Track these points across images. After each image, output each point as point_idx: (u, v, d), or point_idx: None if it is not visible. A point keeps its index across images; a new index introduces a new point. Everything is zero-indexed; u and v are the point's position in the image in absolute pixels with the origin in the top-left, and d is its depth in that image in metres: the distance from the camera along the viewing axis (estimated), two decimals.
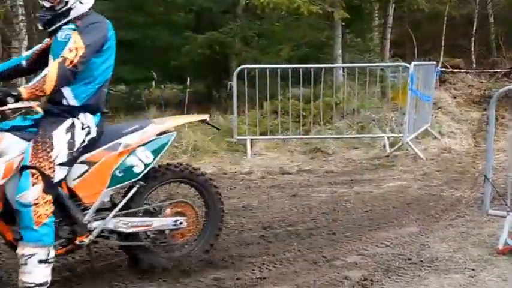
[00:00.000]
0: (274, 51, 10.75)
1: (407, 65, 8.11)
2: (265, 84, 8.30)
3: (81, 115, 3.28)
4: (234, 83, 8.13)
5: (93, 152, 3.38)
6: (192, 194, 3.99)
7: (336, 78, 9.59)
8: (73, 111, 3.26)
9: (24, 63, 3.58)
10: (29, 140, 3.16)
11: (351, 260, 3.99)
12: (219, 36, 9.88)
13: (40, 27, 3.42)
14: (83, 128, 3.27)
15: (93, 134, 3.33)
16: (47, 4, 3.22)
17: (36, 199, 3.03)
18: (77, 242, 3.35)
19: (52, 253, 3.16)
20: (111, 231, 3.53)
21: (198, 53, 9.83)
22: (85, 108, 3.29)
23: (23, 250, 3.07)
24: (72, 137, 3.22)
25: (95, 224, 3.43)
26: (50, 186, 3.09)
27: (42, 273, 3.11)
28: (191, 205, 3.84)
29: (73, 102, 3.26)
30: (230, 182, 6.46)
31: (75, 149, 3.22)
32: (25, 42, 10.50)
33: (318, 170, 7.11)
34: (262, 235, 4.56)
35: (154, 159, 3.57)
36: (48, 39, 3.42)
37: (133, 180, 3.52)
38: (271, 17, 10.93)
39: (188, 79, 9.49)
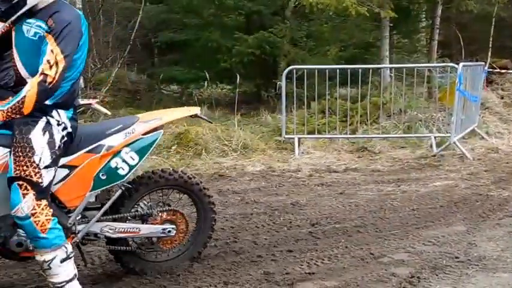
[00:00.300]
0: (321, 52, 10.84)
1: (456, 66, 8.07)
2: (313, 84, 8.41)
3: (54, 112, 3.07)
4: (282, 83, 8.27)
5: (75, 155, 3.23)
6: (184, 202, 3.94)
7: (383, 79, 9.59)
8: (45, 110, 3.03)
9: None
10: (5, 146, 3.01)
11: (398, 258, 4.03)
12: (268, 36, 10.03)
13: None
14: (58, 125, 3.08)
15: (69, 129, 3.14)
16: None
17: (33, 209, 2.94)
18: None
19: (70, 247, 3.13)
20: (97, 235, 3.44)
21: (248, 53, 10.00)
22: (57, 105, 3.09)
23: (42, 257, 3.04)
24: (51, 136, 3.04)
25: (79, 227, 3.32)
26: (41, 192, 2.98)
27: (68, 269, 3.11)
28: (182, 213, 3.73)
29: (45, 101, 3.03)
30: (278, 180, 6.60)
31: (56, 148, 3.05)
32: None
33: (365, 168, 7.16)
34: (310, 231, 4.66)
35: (140, 160, 3.40)
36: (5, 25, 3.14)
37: (117, 182, 3.38)
38: (319, 18, 11.01)
39: (238, 79, 9.71)
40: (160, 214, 3.63)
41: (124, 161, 3.36)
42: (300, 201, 5.63)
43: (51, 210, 3.05)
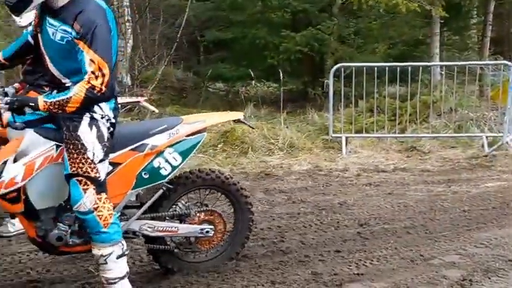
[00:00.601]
0: (370, 49, 10.70)
1: (509, 64, 7.82)
2: (361, 82, 8.30)
3: (96, 108, 3.05)
4: (330, 81, 8.18)
5: (119, 153, 3.23)
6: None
7: (433, 77, 9.39)
8: (87, 107, 3.01)
9: (30, 39, 3.31)
10: (51, 139, 3.04)
11: (449, 260, 3.95)
12: (316, 33, 9.95)
13: (10, 12, 3.14)
14: (102, 117, 3.07)
15: (112, 120, 3.13)
16: None
17: (95, 204, 2.98)
18: None
19: (125, 245, 3.16)
20: (136, 233, 3.44)
21: (295, 51, 9.95)
22: None
23: (100, 251, 3.07)
24: (99, 130, 3.04)
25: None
26: (100, 185, 3.02)
27: (122, 267, 3.14)
28: (220, 214, 3.72)
29: None
30: (325, 179, 6.55)
31: (106, 140, 3.06)
32: (130, 42, 11.08)
33: (414, 168, 7.02)
34: (358, 232, 4.61)
35: (182, 161, 3.40)
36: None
37: (159, 182, 3.38)
38: (368, 15, 10.86)
39: (282, 77, 9.67)
40: (198, 214, 3.63)
41: (167, 161, 3.37)
42: (348, 201, 5.57)
43: (111, 204, 3.09)
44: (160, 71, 11.04)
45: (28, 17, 4.32)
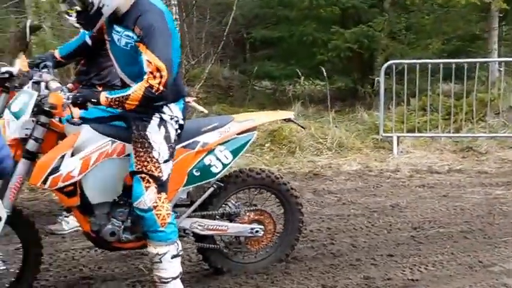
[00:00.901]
0: (422, 45, 10.37)
1: None
2: (413, 79, 8.05)
3: (165, 108, 3.13)
4: (381, 78, 7.98)
5: None
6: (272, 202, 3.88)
7: (490, 74, 8.99)
8: (157, 108, 3.10)
9: (88, 40, 3.40)
10: (106, 135, 3.12)
11: (510, 267, 3.78)
12: (366, 30, 9.72)
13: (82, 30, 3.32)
14: (171, 119, 3.15)
15: (181, 121, 3.20)
16: (79, 8, 3.00)
17: (154, 202, 3.04)
18: None
19: (180, 246, 3.20)
20: (186, 231, 3.46)
21: (344, 48, 9.76)
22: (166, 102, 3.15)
23: (155, 250, 3.12)
24: (166, 131, 3.12)
25: None
26: (162, 185, 3.09)
27: (176, 267, 3.18)
28: (270, 214, 3.70)
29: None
30: (376, 180, 6.38)
31: (172, 142, 3.14)
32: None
33: (470, 170, 6.76)
34: (412, 235, 4.46)
35: (233, 159, 3.43)
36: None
37: (210, 180, 3.42)
38: (420, 9, 10.53)
39: (330, 75, 9.49)
40: (248, 213, 3.63)
41: (218, 159, 3.39)
42: (400, 203, 5.40)
43: (170, 204, 3.16)
44: (207, 70, 11.07)
45: None
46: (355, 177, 6.50)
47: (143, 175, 3.04)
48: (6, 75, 4.40)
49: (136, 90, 2.92)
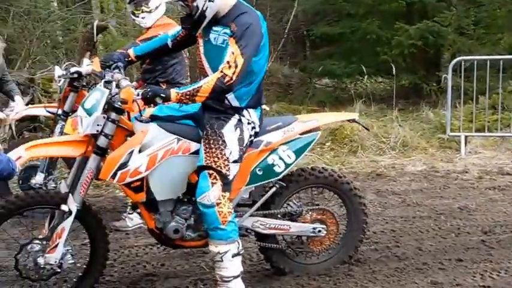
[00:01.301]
0: (492, 41, 9.88)
1: None
2: (482, 76, 7.71)
3: (245, 112, 3.23)
4: (448, 75, 7.69)
5: None
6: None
7: None
8: (237, 110, 3.21)
9: (170, 43, 3.48)
10: (173, 133, 3.18)
11: None
12: (432, 26, 9.37)
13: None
14: (248, 123, 3.23)
15: (257, 128, 3.29)
16: (186, 11, 3.15)
17: (218, 199, 3.07)
18: None
19: (241, 245, 3.21)
20: (248, 230, 3.46)
21: (409, 45, 9.45)
22: (248, 106, 3.25)
23: (217, 248, 3.14)
24: (241, 133, 3.19)
25: None
26: (227, 184, 3.12)
27: (237, 265, 3.19)
28: (332, 213, 3.65)
29: (236, 103, 3.21)
30: (443, 181, 6.13)
31: (244, 145, 3.20)
32: None
33: None
34: (482, 240, 4.26)
35: (296, 159, 3.42)
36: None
37: (273, 179, 3.42)
38: (491, 2, 10.04)
39: (394, 71, 9.22)
40: (310, 213, 3.60)
41: (281, 158, 3.39)
42: (469, 206, 5.17)
43: (232, 204, 3.18)
44: (267, 68, 11.00)
45: (152, 19, 4.53)
46: (420, 178, 6.28)
47: (211, 171, 3.08)
48: (75, 75, 4.61)
49: (208, 81, 2.98)
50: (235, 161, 3.14)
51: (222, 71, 2.96)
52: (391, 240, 4.29)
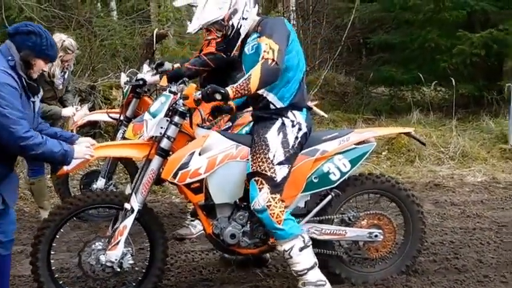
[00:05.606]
0: None
1: None
2: None
3: (289, 113, 3.31)
4: None
5: None
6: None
7: None
8: (281, 112, 3.30)
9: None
10: (232, 140, 3.32)
11: None
12: (497, 34, 9.05)
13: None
14: (293, 126, 3.29)
15: (304, 129, 3.33)
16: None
17: (268, 202, 3.16)
18: (269, 243, 3.40)
19: (307, 237, 3.29)
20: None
21: (471, 54, 9.15)
22: (292, 106, 3.31)
23: (282, 247, 3.25)
24: (285, 136, 3.26)
25: None
26: (275, 186, 3.19)
27: (307, 258, 3.26)
28: (389, 219, 3.61)
29: (280, 104, 3.30)
30: (504, 193, 5.94)
31: (290, 147, 3.26)
32: None
33: None
34: None
35: (351, 168, 3.43)
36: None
37: (328, 187, 3.44)
38: None
39: (453, 81, 8.94)
40: (366, 217, 3.58)
41: (336, 166, 3.42)
42: None
43: (284, 203, 3.23)
44: (323, 76, 10.96)
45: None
46: (480, 189, 6.11)
47: (257, 177, 3.20)
48: (141, 82, 4.77)
49: (255, 69, 3.07)
50: (280, 163, 3.22)
51: (263, 58, 3.06)
52: (450, 252, 4.20)
